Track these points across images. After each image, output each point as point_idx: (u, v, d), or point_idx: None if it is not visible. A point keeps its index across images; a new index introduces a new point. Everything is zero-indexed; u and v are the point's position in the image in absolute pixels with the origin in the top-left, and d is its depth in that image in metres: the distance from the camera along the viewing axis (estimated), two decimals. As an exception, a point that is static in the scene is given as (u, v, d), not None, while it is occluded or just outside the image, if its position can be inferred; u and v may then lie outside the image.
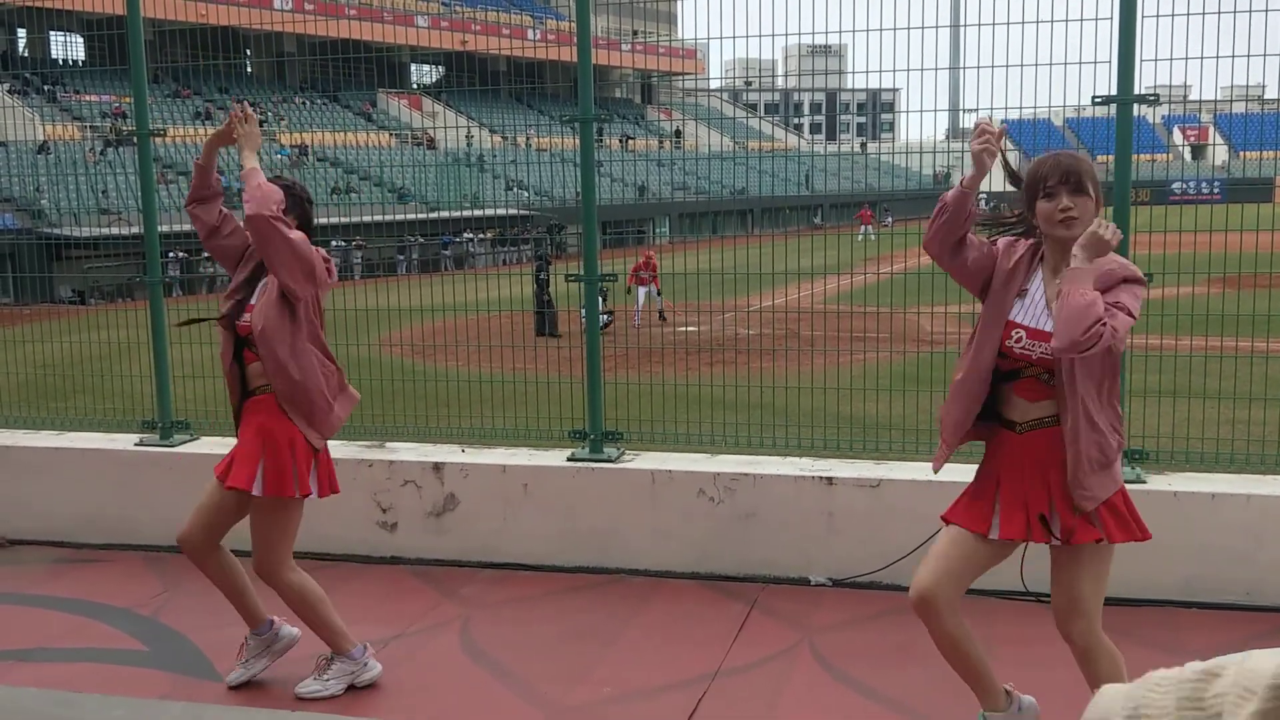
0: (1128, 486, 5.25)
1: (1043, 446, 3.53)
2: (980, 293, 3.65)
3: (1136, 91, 5.27)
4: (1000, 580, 4.62)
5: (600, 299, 6.19)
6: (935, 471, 3.83)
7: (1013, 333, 3.52)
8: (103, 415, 7.25)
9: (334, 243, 14.85)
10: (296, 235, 4.39)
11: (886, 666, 4.70)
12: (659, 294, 17.56)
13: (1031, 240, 3.64)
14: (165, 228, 7.16)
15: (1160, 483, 5.34)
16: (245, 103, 4.72)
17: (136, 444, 6.68)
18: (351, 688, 4.60)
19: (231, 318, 4.50)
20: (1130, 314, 3.36)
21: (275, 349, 4.38)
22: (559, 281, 6.71)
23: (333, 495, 4.68)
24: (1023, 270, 3.58)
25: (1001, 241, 3.67)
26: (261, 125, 4.49)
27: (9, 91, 35.24)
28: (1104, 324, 3.25)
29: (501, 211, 15.29)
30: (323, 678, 4.57)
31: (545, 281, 13.15)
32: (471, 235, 14.28)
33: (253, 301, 4.50)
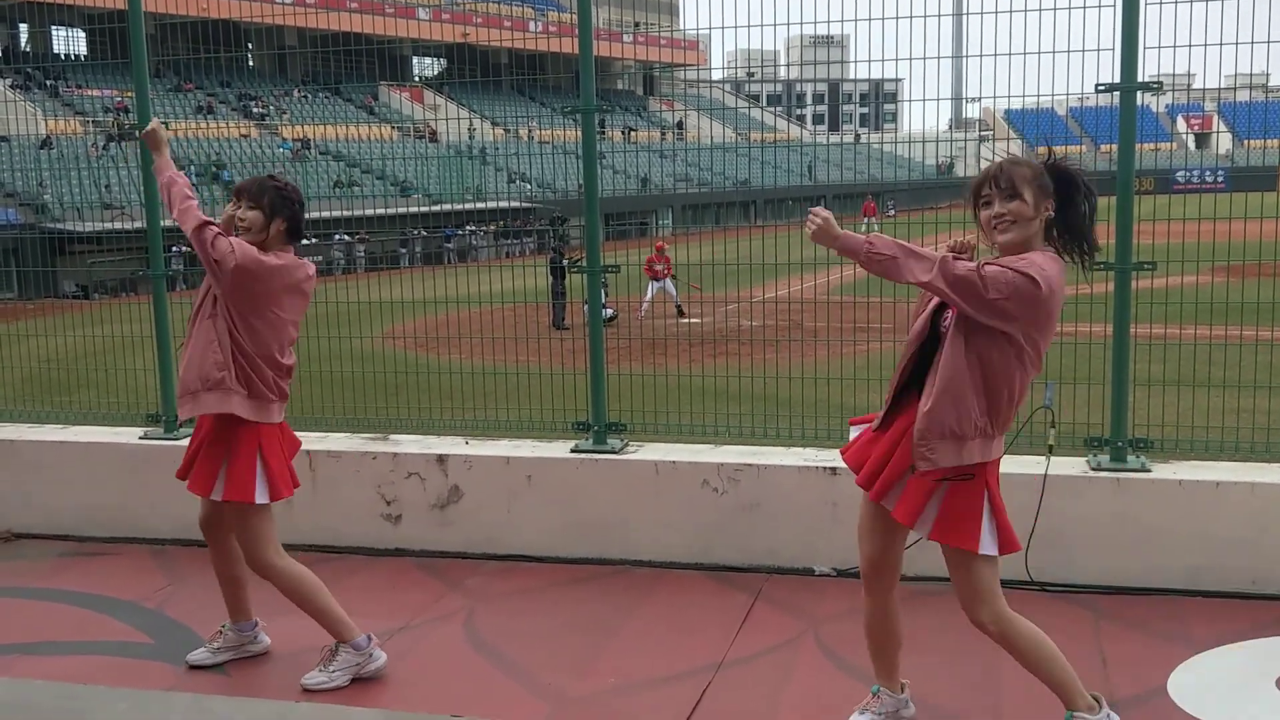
0: (1133, 475, 5.28)
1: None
2: None
3: (1140, 79, 5.26)
4: (1005, 571, 4.61)
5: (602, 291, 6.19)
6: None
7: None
8: (107, 409, 7.26)
9: (337, 236, 14.87)
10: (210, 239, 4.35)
11: (891, 656, 4.69)
12: (675, 285, 17.47)
13: None
14: (168, 222, 7.13)
15: (1165, 471, 5.34)
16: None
17: (141, 437, 6.69)
18: (356, 680, 4.60)
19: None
20: (984, 278, 3.31)
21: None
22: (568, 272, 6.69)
23: (333, 488, 4.69)
24: None
25: None
26: (263, 119, 4.49)
27: (11, 86, 35.25)
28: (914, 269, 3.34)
29: (504, 204, 15.27)
30: (328, 669, 4.58)
31: (561, 272, 13.14)
32: (474, 228, 14.28)
33: None
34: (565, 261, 12.32)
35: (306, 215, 4.61)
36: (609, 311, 12.91)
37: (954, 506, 3.54)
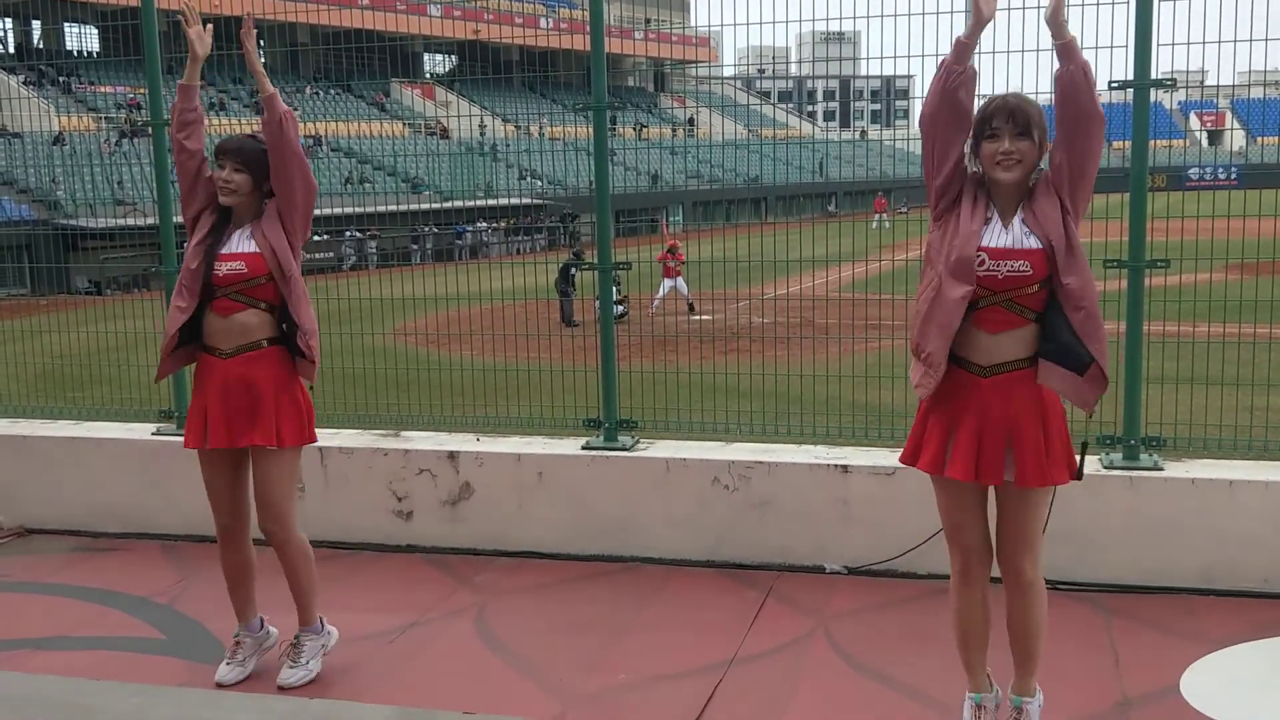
0: (1145, 474, 5.27)
1: (1010, 391, 3.53)
2: (940, 191, 3.59)
3: (1153, 76, 5.24)
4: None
5: (615, 288, 6.19)
6: (923, 396, 3.67)
7: (976, 256, 3.51)
8: (120, 405, 7.28)
9: (349, 233, 14.90)
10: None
11: (902, 654, 4.69)
12: (687, 285, 17.49)
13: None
14: (180, 218, 7.16)
15: (1178, 470, 5.32)
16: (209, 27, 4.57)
17: (154, 433, 6.71)
18: (369, 674, 4.61)
19: (207, 268, 4.37)
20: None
21: (294, 287, 4.35)
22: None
23: (344, 485, 4.67)
24: (966, 206, 3.56)
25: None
26: None
27: (24, 83, 35.36)
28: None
29: (515, 201, 15.28)
30: (301, 661, 4.56)
31: (569, 273, 13.19)
32: (485, 224, 14.29)
33: (227, 250, 4.38)
34: (574, 271, 12.33)
35: (318, 212, 4.61)
36: (620, 309, 12.90)
37: (1056, 445, 3.59)
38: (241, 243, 4.39)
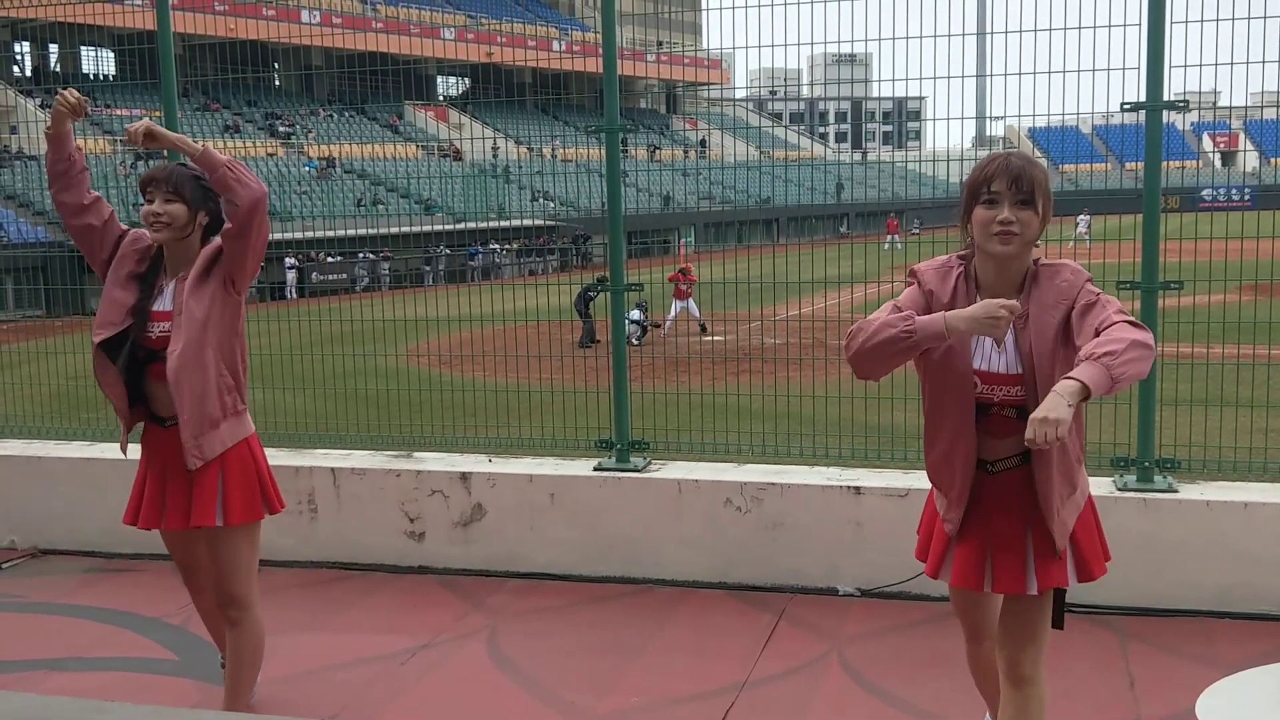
0: (1160, 496, 5.24)
1: (1020, 485, 3.13)
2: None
3: (1166, 98, 5.24)
4: (1030, 590, 4.57)
5: (642, 312, 6.21)
6: (950, 533, 3.30)
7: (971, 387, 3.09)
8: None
9: (362, 254, 14.98)
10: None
11: (916, 677, 4.67)
12: (698, 306, 17.56)
13: (961, 259, 3.16)
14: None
15: (1193, 492, 5.29)
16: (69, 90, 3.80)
17: (166, 454, 6.72)
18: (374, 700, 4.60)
19: (138, 327, 3.89)
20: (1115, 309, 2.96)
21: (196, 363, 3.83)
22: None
23: (357, 505, 4.64)
24: (962, 303, 3.06)
25: (928, 273, 3.16)
26: (289, 138, 4.43)
27: (41, 106, 35.64)
28: (1144, 345, 2.83)
29: (528, 222, 15.35)
30: None
31: (587, 301, 13.25)
32: (498, 246, 14.35)
33: (159, 307, 3.91)
34: (591, 296, 12.39)
35: (331, 233, 4.60)
36: (635, 342, 12.91)
37: (1077, 540, 3.21)
38: (169, 301, 3.90)
